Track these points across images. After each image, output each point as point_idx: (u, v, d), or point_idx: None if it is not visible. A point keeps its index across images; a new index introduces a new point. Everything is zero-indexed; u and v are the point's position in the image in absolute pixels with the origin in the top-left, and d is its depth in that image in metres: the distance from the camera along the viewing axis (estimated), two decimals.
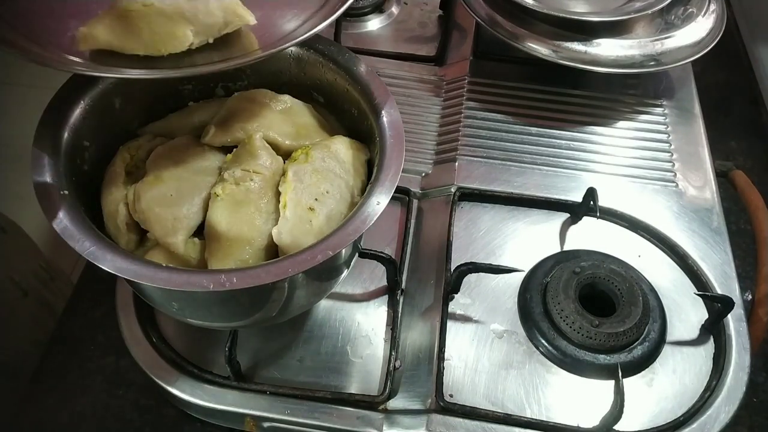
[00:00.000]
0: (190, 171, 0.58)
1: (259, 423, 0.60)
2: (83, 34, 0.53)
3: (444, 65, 0.93)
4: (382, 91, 0.60)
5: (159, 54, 0.54)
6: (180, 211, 0.55)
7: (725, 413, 0.59)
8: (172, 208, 0.55)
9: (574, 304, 0.63)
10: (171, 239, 0.54)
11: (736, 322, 0.65)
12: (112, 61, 0.54)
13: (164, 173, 0.57)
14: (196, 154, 0.60)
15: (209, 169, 0.59)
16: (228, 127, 0.60)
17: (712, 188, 0.78)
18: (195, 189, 0.57)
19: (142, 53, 0.53)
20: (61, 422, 0.63)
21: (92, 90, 0.58)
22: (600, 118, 0.84)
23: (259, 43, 0.58)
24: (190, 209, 0.56)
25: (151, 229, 0.54)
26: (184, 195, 0.56)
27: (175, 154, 0.59)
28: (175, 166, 0.58)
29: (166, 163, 0.58)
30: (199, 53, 0.55)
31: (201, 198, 0.57)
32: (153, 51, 0.53)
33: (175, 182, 0.57)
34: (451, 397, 0.60)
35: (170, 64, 0.54)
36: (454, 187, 0.76)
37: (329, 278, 0.59)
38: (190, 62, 0.55)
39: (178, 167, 0.58)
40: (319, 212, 0.54)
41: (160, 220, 0.54)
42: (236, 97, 0.62)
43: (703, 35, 0.83)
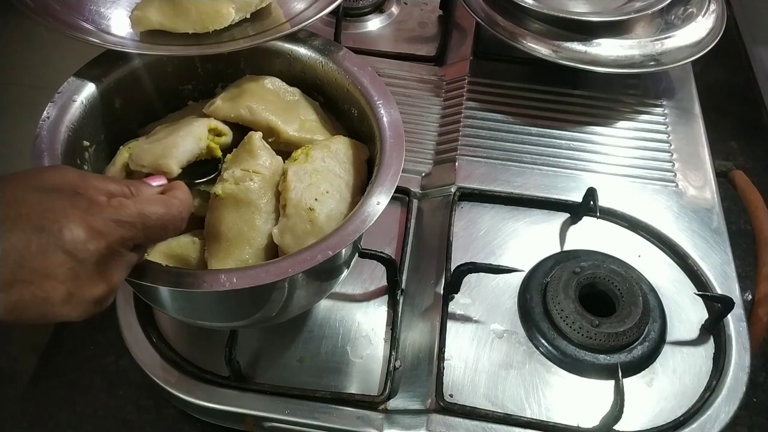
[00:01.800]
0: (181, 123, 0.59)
1: (259, 423, 0.60)
2: (137, 17, 0.59)
3: (444, 65, 0.93)
4: (382, 91, 0.60)
5: (206, 30, 0.60)
6: (169, 141, 0.54)
7: (725, 413, 0.59)
8: (161, 141, 0.55)
9: (574, 304, 0.63)
10: (162, 161, 0.53)
11: (736, 322, 0.65)
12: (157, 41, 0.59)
13: (158, 133, 0.59)
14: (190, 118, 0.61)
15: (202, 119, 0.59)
16: (234, 104, 0.60)
17: (712, 188, 0.78)
18: (185, 125, 0.57)
19: (191, 31, 0.60)
20: (61, 422, 0.63)
21: (92, 90, 0.58)
22: (600, 118, 0.84)
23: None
24: (178, 139, 0.55)
25: (144, 162, 0.53)
26: (174, 131, 0.56)
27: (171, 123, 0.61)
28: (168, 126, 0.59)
29: (161, 128, 0.60)
30: (236, 27, 0.62)
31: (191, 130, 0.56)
32: (200, 28, 0.60)
33: (167, 128, 0.58)
34: (451, 397, 0.60)
35: (213, 39, 0.60)
36: (454, 187, 0.76)
37: (329, 278, 0.59)
38: (230, 36, 0.61)
39: (171, 126, 0.59)
40: (319, 212, 0.54)
41: (151, 151, 0.54)
42: (247, 78, 0.63)
43: (703, 35, 0.83)
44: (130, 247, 0.41)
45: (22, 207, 0.37)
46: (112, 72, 0.59)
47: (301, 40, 0.64)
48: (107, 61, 0.60)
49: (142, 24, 0.59)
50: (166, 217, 0.43)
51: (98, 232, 0.38)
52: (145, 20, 0.59)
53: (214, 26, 0.60)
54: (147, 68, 0.62)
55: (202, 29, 0.60)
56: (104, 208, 0.39)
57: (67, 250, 0.37)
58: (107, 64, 0.60)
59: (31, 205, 0.37)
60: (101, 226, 0.39)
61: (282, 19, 0.65)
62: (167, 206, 0.43)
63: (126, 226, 0.40)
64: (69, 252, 0.37)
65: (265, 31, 0.62)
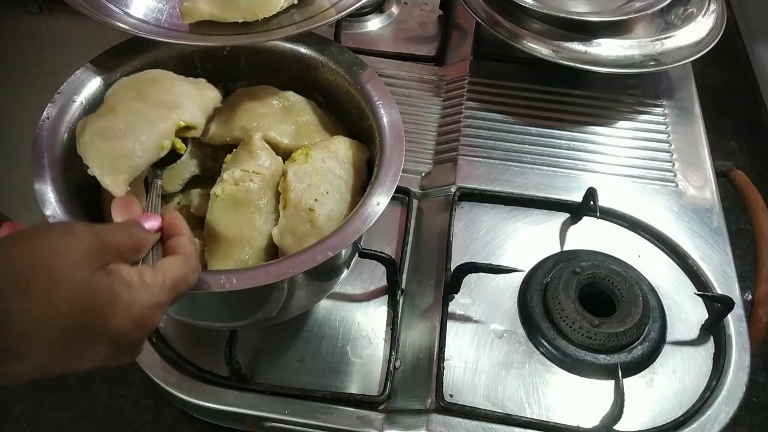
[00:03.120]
0: (150, 104, 0.52)
1: (259, 423, 0.60)
2: (187, 8, 0.58)
3: (444, 65, 0.93)
4: (382, 91, 0.60)
5: (255, 18, 0.59)
6: (124, 147, 0.48)
7: (725, 413, 0.59)
8: (116, 142, 0.49)
9: (574, 304, 0.63)
10: (108, 179, 0.48)
11: (736, 322, 0.65)
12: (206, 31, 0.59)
13: (120, 105, 0.52)
14: (163, 87, 0.55)
15: (171, 103, 0.53)
16: (228, 126, 0.60)
17: (712, 188, 0.77)
18: (148, 123, 0.50)
19: (241, 20, 0.59)
20: (61, 422, 0.63)
21: (92, 90, 0.58)
22: (600, 118, 0.84)
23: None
24: (136, 146, 0.49)
25: (90, 165, 0.49)
26: (134, 128, 0.49)
27: (138, 85, 0.55)
28: (135, 98, 0.52)
29: (126, 94, 0.53)
30: (283, 14, 0.62)
31: (153, 134, 0.50)
32: (251, 17, 0.59)
33: (128, 115, 0.51)
34: (451, 397, 0.60)
35: (261, 27, 0.60)
36: (454, 187, 0.76)
37: (329, 278, 0.59)
38: (277, 23, 0.61)
39: (137, 100, 0.52)
40: (319, 212, 0.54)
41: (100, 155, 0.48)
42: (238, 93, 0.63)
43: (703, 35, 0.83)
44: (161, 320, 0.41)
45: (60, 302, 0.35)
46: (112, 72, 0.59)
47: (301, 41, 0.64)
48: (107, 62, 0.60)
49: (193, 15, 0.59)
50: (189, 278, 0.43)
51: (141, 322, 0.38)
52: (195, 11, 0.59)
53: (264, 14, 0.60)
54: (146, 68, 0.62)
55: (252, 17, 0.59)
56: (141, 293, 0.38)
57: (110, 341, 0.37)
58: (107, 65, 0.60)
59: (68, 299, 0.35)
60: (144, 315, 0.38)
61: (326, 4, 0.64)
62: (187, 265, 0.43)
63: (161, 308, 0.40)
64: (112, 342, 0.37)
65: (311, 17, 0.62)
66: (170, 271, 0.41)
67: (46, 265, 0.35)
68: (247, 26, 0.60)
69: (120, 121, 0.50)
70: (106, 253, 0.38)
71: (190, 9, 0.59)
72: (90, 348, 0.37)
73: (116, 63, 0.60)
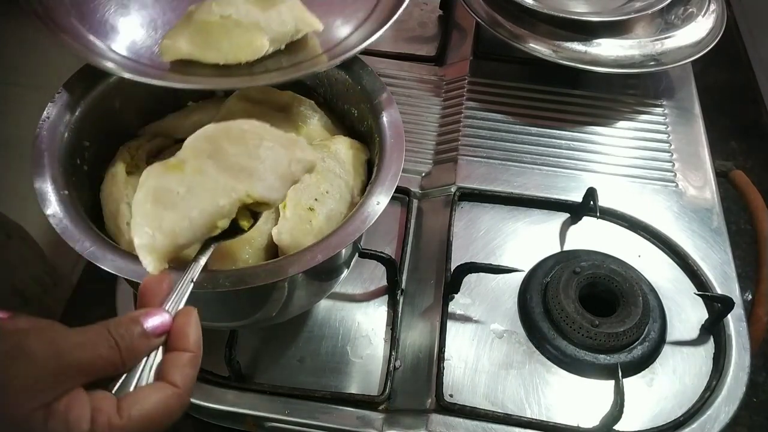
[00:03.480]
0: (222, 167, 0.43)
1: (259, 423, 0.60)
2: (166, 45, 0.56)
3: (444, 65, 0.93)
4: (382, 91, 0.60)
5: (237, 62, 0.56)
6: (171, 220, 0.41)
7: (725, 413, 0.59)
8: (166, 211, 0.41)
9: (574, 304, 0.63)
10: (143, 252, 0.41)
11: (736, 322, 0.65)
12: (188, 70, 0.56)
13: (191, 161, 0.43)
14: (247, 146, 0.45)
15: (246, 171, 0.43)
16: None
17: (712, 188, 0.78)
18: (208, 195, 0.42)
19: (222, 62, 0.56)
20: None
21: (92, 90, 0.58)
22: (600, 118, 0.84)
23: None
24: (184, 222, 0.41)
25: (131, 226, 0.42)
26: (191, 198, 0.42)
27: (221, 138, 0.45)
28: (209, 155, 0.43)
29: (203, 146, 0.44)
30: (270, 58, 0.58)
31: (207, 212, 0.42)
32: (232, 60, 0.56)
33: (193, 177, 0.42)
34: (451, 397, 0.60)
35: (245, 70, 0.57)
36: (454, 187, 0.76)
37: (329, 278, 0.59)
38: (263, 68, 0.57)
39: (211, 158, 0.43)
40: (319, 212, 0.54)
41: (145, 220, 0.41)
42: (235, 98, 0.62)
43: (703, 35, 0.83)
44: None
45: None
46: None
47: None
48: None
49: (171, 53, 0.56)
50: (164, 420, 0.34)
51: None
52: (174, 49, 0.56)
53: (246, 58, 0.56)
54: None
55: (233, 60, 0.56)
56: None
57: None
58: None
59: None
60: None
61: (318, 50, 0.60)
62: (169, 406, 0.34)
63: None
64: None
65: (300, 63, 0.59)
66: (143, 412, 0.33)
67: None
68: (231, 68, 0.57)
69: (181, 184, 0.42)
70: (65, 379, 0.31)
71: (169, 46, 0.56)
72: None
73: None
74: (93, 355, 0.32)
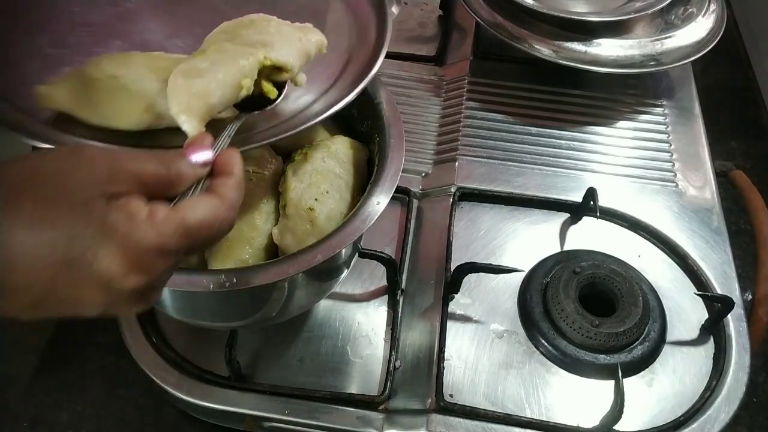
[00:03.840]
0: (239, 43, 0.47)
1: (259, 423, 0.60)
2: (43, 92, 0.48)
3: (444, 65, 0.93)
4: (381, 91, 0.60)
5: (112, 128, 0.48)
6: (201, 84, 0.44)
7: (725, 413, 0.59)
8: (195, 79, 0.44)
9: (574, 304, 0.63)
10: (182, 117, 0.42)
11: (736, 322, 0.65)
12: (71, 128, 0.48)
13: (210, 47, 0.47)
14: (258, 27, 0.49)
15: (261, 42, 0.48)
16: None
17: (712, 188, 0.78)
18: (230, 60, 0.45)
19: (96, 123, 0.48)
20: (61, 422, 0.63)
21: None
22: (600, 118, 0.84)
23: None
24: (212, 84, 0.44)
25: (169, 104, 0.43)
26: (215, 67, 0.45)
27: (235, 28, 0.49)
28: (227, 39, 0.48)
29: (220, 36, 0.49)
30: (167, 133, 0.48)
31: (231, 72, 0.45)
32: (105, 124, 0.48)
33: (215, 54, 0.46)
34: (451, 397, 0.60)
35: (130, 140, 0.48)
36: (454, 187, 0.76)
37: (329, 278, 0.59)
38: (150, 141, 0.48)
39: (228, 41, 0.48)
40: (319, 212, 0.54)
41: (178, 93, 0.43)
42: None
43: (703, 35, 0.83)
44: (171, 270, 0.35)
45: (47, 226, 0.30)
46: None
47: None
48: None
49: (47, 101, 0.48)
50: (214, 228, 0.36)
51: (138, 266, 0.32)
52: (48, 99, 0.48)
53: (121, 126, 0.48)
54: None
55: (107, 125, 0.48)
56: (144, 230, 0.32)
57: (101, 284, 0.32)
58: None
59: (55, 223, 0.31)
60: (142, 258, 0.32)
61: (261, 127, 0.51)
62: (217, 211, 0.36)
63: (169, 255, 0.34)
64: (103, 286, 0.32)
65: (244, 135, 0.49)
66: (192, 213, 0.34)
67: (41, 184, 0.31)
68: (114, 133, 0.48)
69: (205, 61, 0.45)
70: (119, 181, 0.33)
71: (45, 95, 0.48)
72: (79, 289, 0.31)
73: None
74: (144, 167, 0.34)
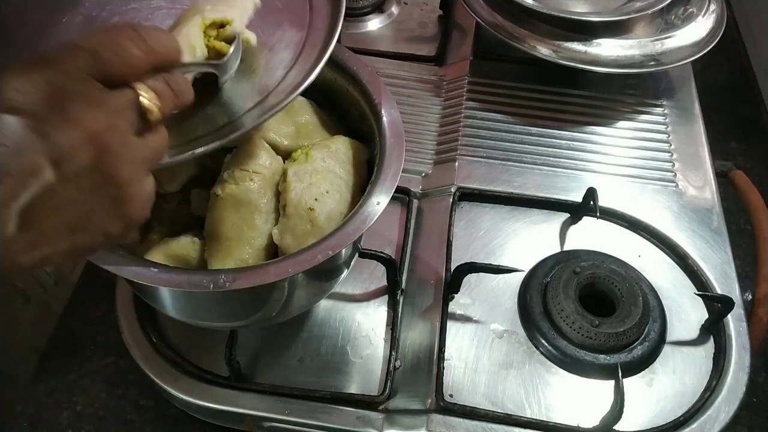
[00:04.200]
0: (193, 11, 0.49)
1: (259, 423, 0.60)
2: None
3: (444, 65, 0.93)
4: (382, 91, 0.60)
5: None
6: None
7: (725, 413, 0.59)
8: None
9: (574, 304, 0.63)
10: None
11: (736, 322, 0.65)
12: None
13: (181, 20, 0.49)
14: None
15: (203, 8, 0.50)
16: None
17: (712, 188, 0.77)
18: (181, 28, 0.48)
19: None
20: (61, 422, 0.63)
21: None
22: (600, 118, 0.84)
23: None
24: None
25: None
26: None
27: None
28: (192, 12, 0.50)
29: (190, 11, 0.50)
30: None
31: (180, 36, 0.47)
32: None
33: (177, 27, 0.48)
34: (451, 397, 0.60)
35: None
36: (454, 187, 0.76)
37: (329, 278, 0.59)
38: None
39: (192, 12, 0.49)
40: (319, 212, 0.54)
41: None
42: None
43: (703, 35, 0.83)
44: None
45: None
46: None
47: None
48: None
49: None
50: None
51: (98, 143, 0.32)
52: None
53: None
54: None
55: None
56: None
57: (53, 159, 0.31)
58: None
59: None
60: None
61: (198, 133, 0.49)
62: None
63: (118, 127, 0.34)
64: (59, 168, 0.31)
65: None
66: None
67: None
68: None
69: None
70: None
71: None
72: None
73: None
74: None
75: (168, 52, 0.38)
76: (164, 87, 0.37)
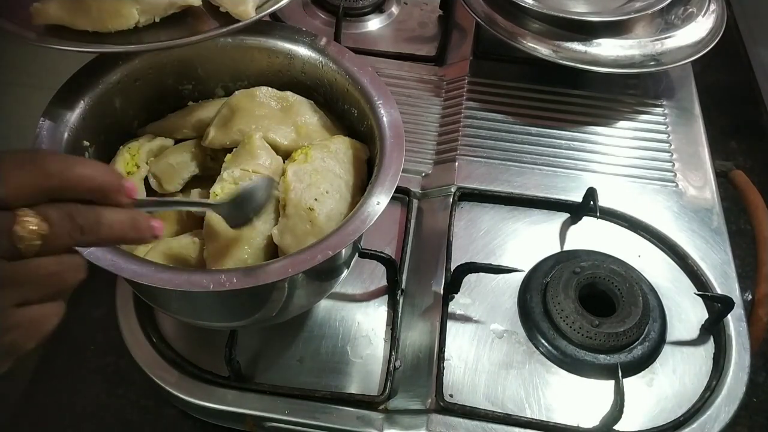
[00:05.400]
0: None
1: (259, 423, 0.60)
2: (37, 9, 0.56)
3: (444, 65, 0.93)
4: (382, 91, 0.60)
5: (107, 30, 0.57)
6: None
7: (725, 413, 0.59)
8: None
9: (574, 304, 0.63)
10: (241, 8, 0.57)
11: (736, 322, 0.65)
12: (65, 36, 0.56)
13: None
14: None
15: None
16: (227, 129, 0.60)
17: (712, 188, 0.77)
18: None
19: (91, 29, 0.56)
20: (61, 422, 0.63)
21: (92, 90, 0.58)
22: (600, 118, 0.84)
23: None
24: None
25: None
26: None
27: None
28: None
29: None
30: (147, 32, 0.59)
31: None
32: (101, 27, 0.56)
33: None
34: (451, 397, 0.60)
35: (120, 40, 0.57)
36: (454, 187, 0.76)
37: (329, 278, 0.59)
38: (138, 40, 0.58)
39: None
40: (319, 212, 0.54)
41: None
42: (238, 96, 0.62)
43: (703, 35, 0.83)
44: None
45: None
46: (111, 72, 0.59)
47: (300, 41, 0.64)
48: (107, 62, 0.60)
49: (41, 17, 0.56)
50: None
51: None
52: (44, 13, 0.56)
53: (115, 27, 0.57)
54: (147, 69, 0.62)
55: (102, 29, 0.57)
56: None
57: None
58: (107, 65, 0.60)
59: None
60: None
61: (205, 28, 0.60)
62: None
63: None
64: None
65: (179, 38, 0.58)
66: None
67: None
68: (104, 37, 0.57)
69: None
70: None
71: (39, 11, 0.56)
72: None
73: (116, 63, 0.60)
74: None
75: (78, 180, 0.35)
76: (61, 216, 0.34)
